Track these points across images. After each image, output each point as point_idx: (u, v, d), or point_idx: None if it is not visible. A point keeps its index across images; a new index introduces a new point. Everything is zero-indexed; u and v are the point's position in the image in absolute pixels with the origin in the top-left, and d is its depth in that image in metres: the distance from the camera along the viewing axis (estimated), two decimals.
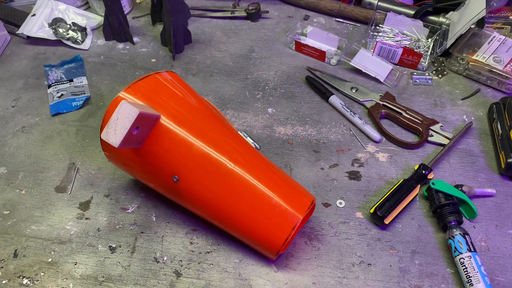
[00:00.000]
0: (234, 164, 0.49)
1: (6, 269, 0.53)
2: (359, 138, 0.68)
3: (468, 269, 0.50)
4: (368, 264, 0.54)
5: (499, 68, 0.72)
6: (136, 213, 0.59)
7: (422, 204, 0.60)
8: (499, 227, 0.57)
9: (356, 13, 0.89)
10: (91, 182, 0.62)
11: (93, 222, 0.58)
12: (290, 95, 0.75)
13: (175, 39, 0.81)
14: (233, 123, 0.71)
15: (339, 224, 0.58)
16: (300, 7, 0.94)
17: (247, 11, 0.90)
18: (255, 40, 0.86)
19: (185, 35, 0.84)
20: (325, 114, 0.72)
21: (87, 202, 0.60)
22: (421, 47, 0.81)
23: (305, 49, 0.82)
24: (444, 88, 0.76)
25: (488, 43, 0.75)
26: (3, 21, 0.86)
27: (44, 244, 0.56)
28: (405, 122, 0.69)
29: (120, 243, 0.56)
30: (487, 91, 0.75)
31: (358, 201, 0.60)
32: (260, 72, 0.80)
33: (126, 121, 0.40)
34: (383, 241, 0.56)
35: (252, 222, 0.49)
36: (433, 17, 0.84)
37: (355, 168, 0.64)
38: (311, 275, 0.53)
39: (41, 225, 0.58)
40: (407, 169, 0.64)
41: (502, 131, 0.65)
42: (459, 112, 0.72)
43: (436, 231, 0.57)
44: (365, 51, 0.78)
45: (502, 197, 0.60)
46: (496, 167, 0.64)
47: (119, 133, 0.40)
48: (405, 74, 0.79)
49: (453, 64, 0.78)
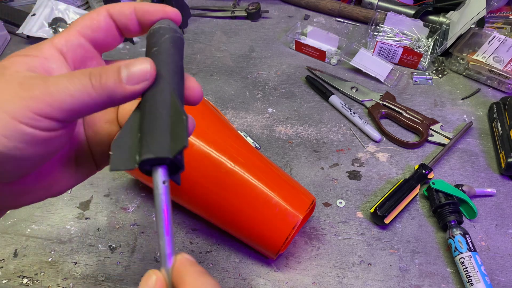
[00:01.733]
0: (234, 163, 0.49)
1: (6, 269, 0.53)
2: (359, 138, 0.68)
3: (468, 269, 0.50)
4: (368, 263, 0.54)
5: (499, 68, 0.72)
6: (136, 212, 0.59)
7: (422, 204, 0.60)
8: (499, 227, 0.57)
9: (356, 13, 0.89)
10: (91, 181, 0.62)
11: (93, 221, 0.58)
12: (290, 95, 0.75)
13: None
14: (233, 122, 0.71)
15: (339, 224, 0.58)
16: (300, 6, 0.94)
17: (247, 11, 0.90)
18: (255, 39, 0.86)
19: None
20: (325, 114, 0.72)
21: (87, 201, 0.60)
22: (421, 47, 0.81)
23: (305, 48, 0.82)
24: (444, 87, 0.76)
25: (488, 43, 0.75)
26: (3, 20, 0.86)
27: (44, 243, 0.56)
28: (405, 122, 0.69)
29: (120, 243, 0.56)
30: (487, 91, 0.75)
31: (358, 200, 0.60)
32: (260, 72, 0.79)
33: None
34: (383, 240, 0.56)
35: (252, 221, 0.49)
36: (433, 17, 0.84)
37: (355, 167, 0.64)
38: (311, 275, 0.53)
39: (41, 225, 0.58)
40: (407, 168, 0.64)
41: (502, 130, 0.65)
42: (459, 112, 0.72)
43: (436, 230, 0.57)
44: (365, 51, 0.78)
45: (502, 197, 0.60)
46: (496, 167, 0.64)
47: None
48: (405, 73, 0.79)
49: (453, 63, 0.78)
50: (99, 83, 0.23)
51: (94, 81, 0.23)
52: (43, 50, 0.26)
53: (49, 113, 0.23)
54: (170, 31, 0.27)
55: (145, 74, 0.24)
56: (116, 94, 0.24)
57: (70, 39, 0.27)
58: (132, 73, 0.24)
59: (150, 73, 0.24)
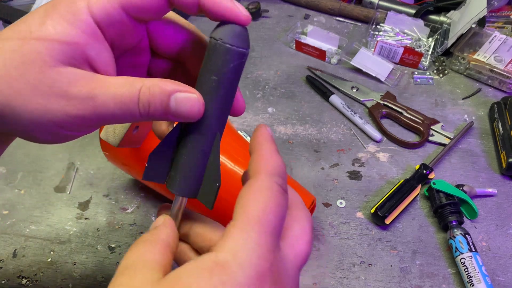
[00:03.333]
0: (234, 163, 0.49)
1: (5, 269, 0.53)
2: (359, 138, 0.68)
3: (469, 269, 0.50)
4: (368, 264, 0.54)
5: (500, 67, 0.72)
6: (136, 213, 0.59)
7: (423, 204, 0.59)
8: (500, 227, 0.57)
9: (357, 12, 0.88)
10: (91, 182, 0.62)
11: (92, 222, 0.58)
12: (291, 95, 0.75)
13: None
14: (233, 122, 0.70)
15: (339, 224, 0.57)
16: (300, 6, 0.94)
17: (247, 10, 0.90)
18: (255, 39, 0.86)
19: None
20: (326, 114, 0.72)
21: (87, 202, 0.60)
22: (422, 47, 0.81)
23: (305, 48, 0.81)
24: (445, 87, 0.76)
25: (489, 42, 0.75)
26: (2, 20, 0.86)
27: (43, 244, 0.56)
28: (406, 122, 0.68)
29: (119, 243, 0.55)
30: (488, 91, 0.75)
31: (359, 201, 0.60)
32: (260, 72, 0.79)
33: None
34: (383, 241, 0.56)
35: None
36: (434, 16, 0.84)
37: (355, 168, 0.64)
38: (312, 276, 0.53)
39: (40, 225, 0.57)
40: (408, 169, 0.64)
41: (503, 130, 0.64)
42: (460, 112, 0.71)
43: (437, 231, 0.57)
44: (366, 51, 0.78)
45: (503, 197, 0.60)
46: (497, 167, 0.64)
47: (119, 133, 0.40)
48: (405, 73, 0.78)
49: (454, 63, 0.78)
50: (147, 112, 0.23)
51: (142, 109, 0.23)
52: (81, 25, 0.23)
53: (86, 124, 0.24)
54: (238, 56, 0.23)
55: (192, 114, 0.24)
56: (157, 118, 0.24)
57: (111, 12, 0.23)
58: (179, 109, 0.24)
59: (197, 114, 0.24)
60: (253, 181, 0.24)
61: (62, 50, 0.22)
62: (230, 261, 0.20)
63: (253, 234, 0.21)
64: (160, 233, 0.25)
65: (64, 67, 0.22)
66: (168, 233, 0.25)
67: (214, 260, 0.20)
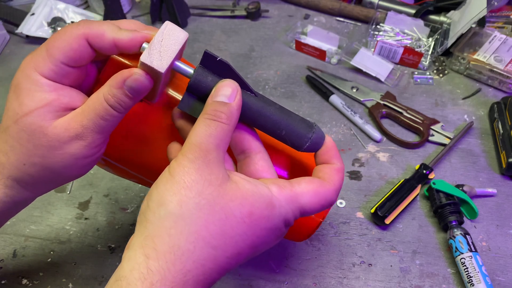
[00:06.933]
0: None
1: (5, 269, 0.53)
2: (359, 138, 0.68)
3: (469, 269, 0.50)
4: (368, 264, 0.54)
5: (500, 67, 0.72)
6: (136, 213, 0.59)
7: (423, 204, 0.59)
8: (500, 227, 0.57)
9: (357, 12, 0.88)
10: (90, 182, 0.62)
11: (92, 222, 0.58)
12: (291, 95, 0.75)
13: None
14: None
15: (339, 224, 0.57)
16: (300, 6, 0.94)
17: (247, 10, 0.90)
18: (255, 39, 0.86)
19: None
20: (326, 114, 0.72)
21: (86, 202, 0.60)
22: (422, 47, 0.81)
23: (305, 48, 0.81)
24: (445, 87, 0.76)
25: (489, 42, 0.75)
26: (2, 20, 0.86)
27: (43, 244, 0.56)
28: (406, 122, 0.68)
29: (119, 243, 0.55)
30: (488, 91, 0.75)
31: (359, 201, 0.60)
32: (260, 72, 0.79)
33: (174, 44, 0.33)
34: (383, 241, 0.56)
35: None
36: (434, 16, 0.84)
37: (355, 167, 0.64)
38: (312, 275, 0.53)
39: (40, 225, 0.57)
40: (408, 168, 0.64)
41: (503, 130, 0.64)
42: (460, 112, 0.71)
43: (437, 231, 0.57)
44: (366, 50, 0.78)
45: (503, 197, 0.60)
46: (497, 167, 0.64)
47: (166, 56, 0.33)
48: (405, 73, 0.78)
49: (454, 63, 0.78)
50: (119, 100, 0.32)
51: (113, 103, 0.31)
52: (44, 88, 0.30)
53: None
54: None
55: (142, 83, 0.32)
56: (132, 98, 0.32)
57: (56, 69, 0.30)
58: (133, 87, 0.32)
59: (144, 80, 0.32)
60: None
61: (46, 112, 0.30)
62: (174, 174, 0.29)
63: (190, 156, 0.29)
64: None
65: (55, 121, 0.30)
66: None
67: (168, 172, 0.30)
